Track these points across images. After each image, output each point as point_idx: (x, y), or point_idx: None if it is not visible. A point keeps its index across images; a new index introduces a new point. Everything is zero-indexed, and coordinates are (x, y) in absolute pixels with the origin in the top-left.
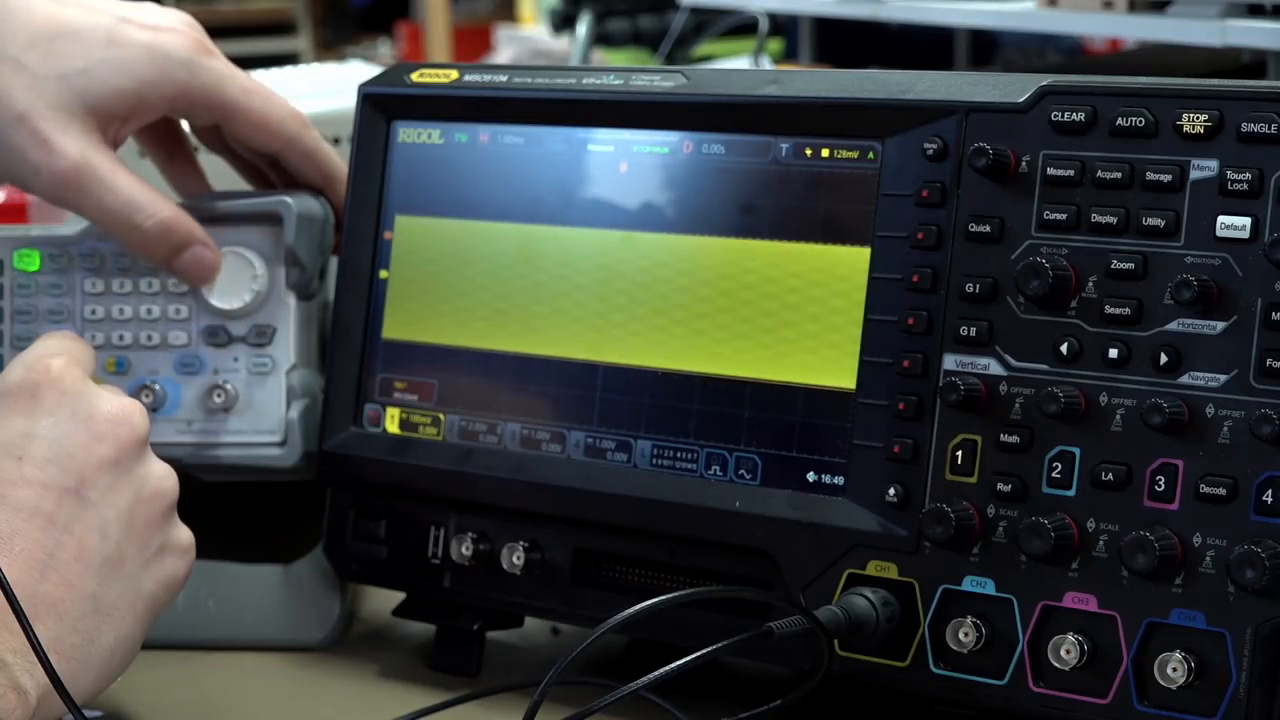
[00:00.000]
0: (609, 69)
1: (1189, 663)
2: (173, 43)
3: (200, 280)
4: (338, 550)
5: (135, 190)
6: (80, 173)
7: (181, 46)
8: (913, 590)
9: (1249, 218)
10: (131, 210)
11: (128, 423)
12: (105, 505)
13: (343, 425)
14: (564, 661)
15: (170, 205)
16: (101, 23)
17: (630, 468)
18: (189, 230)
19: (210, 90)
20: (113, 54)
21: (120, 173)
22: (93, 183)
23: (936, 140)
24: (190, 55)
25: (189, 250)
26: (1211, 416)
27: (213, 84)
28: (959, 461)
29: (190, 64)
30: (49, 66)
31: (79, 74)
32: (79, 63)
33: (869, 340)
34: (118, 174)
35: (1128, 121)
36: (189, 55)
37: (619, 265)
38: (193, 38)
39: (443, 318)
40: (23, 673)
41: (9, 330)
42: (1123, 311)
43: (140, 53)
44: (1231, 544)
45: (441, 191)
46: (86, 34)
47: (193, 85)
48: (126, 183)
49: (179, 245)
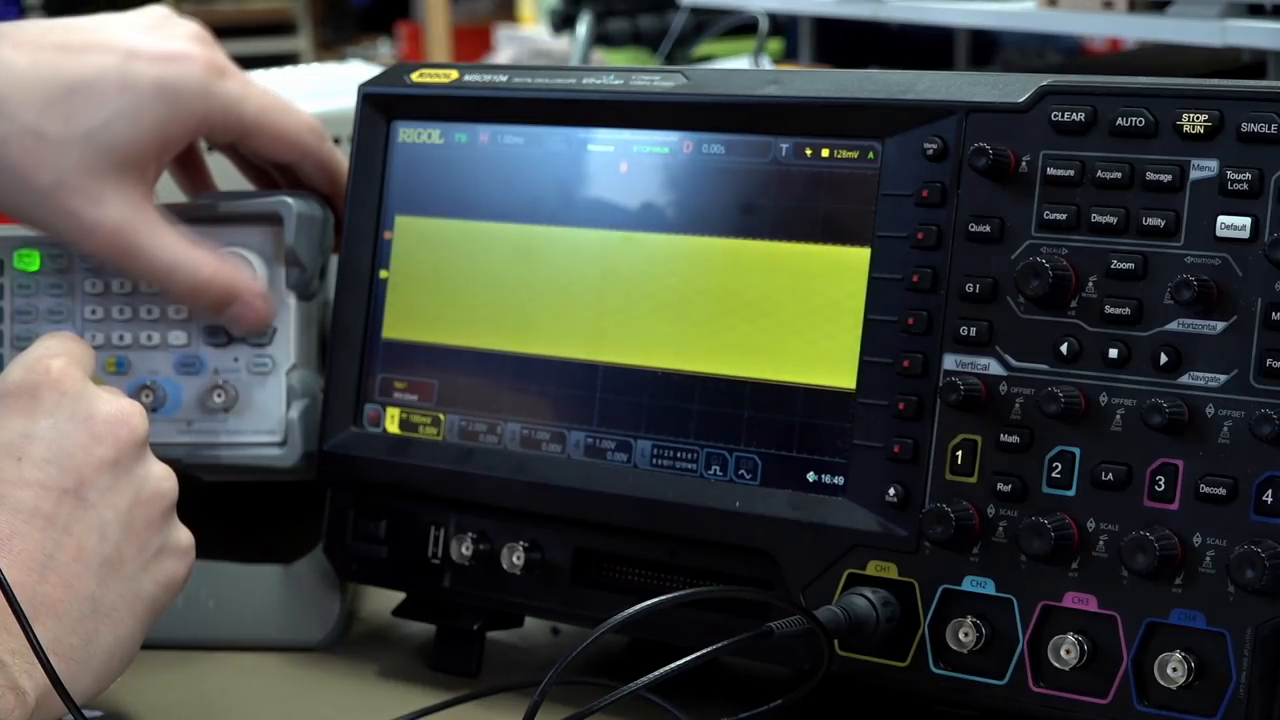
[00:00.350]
0: (609, 69)
1: (1189, 663)
2: (184, 74)
3: (251, 330)
4: (338, 550)
5: (173, 253)
6: (116, 243)
7: (193, 77)
8: (913, 590)
9: (1249, 218)
10: (172, 274)
11: (127, 424)
12: (104, 506)
13: (343, 425)
14: (564, 661)
15: (211, 262)
16: (111, 65)
17: (630, 468)
18: (231, 286)
19: (226, 114)
20: (128, 101)
21: (158, 234)
22: (131, 250)
23: (936, 140)
24: (203, 84)
25: (234, 305)
26: (1211, 416)
27: (228, 107)
28: (959, 461)
29: (204, 94)
30: (69, 129)
31: (99, 130)
32: (97, 118)
33: (869, 340)
34: (154, 236)
35: (1128, 121)
36: (201, 85)
37: (619, 265)
38: (203, 61)
39: (443, 318)
40: (22, 673)
41: (9, 330)
42: (1123, 311)
43: (152, 92)
44: (1231, 544)
45: (441, 191)
46: (99, 84)
47: (209, 112)
48: (164, 245)
49: (222, 301)
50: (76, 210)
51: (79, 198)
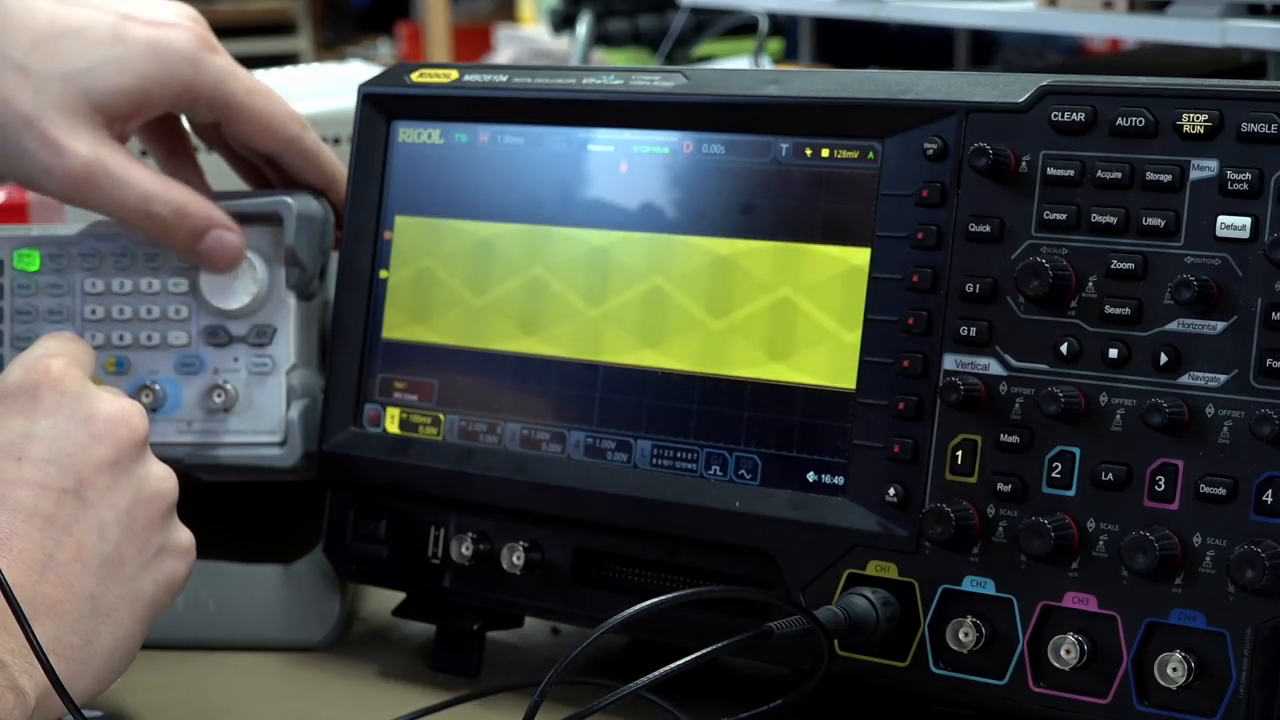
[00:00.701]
0: (609, 69)
1: (1189, 663)
2: (177, 38)
3: (227, 263)
4: (338, 550)
5: (149, 182)
6: (92, 171)
7: (185, 42)
8: (913, 590)
9: (1249, 218)
10: (147, 201)
11: (127, 424)
12: (104, 506)
13: (343, 425)
14: (564, 661)
15: (185, 191)
16: (104, 20)
17: (630, 468)
18: (207, 214)
19: (214, 86)
20: (116, 51)
21: (132, 166)
22: (105, 179)
23: (936, 140)
24: (194, 51)
25: (210, 235)
26: (1211, 416)
27: (216, 80)
28: (959, 461)
29: (194, 60)
30: (53, 67)
31: (83, 73)
32: (82, 62)
33: (869, 340)
34: (129, 168)
35: (1128, 121)
36: (193, 51)
37: (619, 265)
38: (196, 33)
39: (443, 318)
40: (21, 673)
41: (9, 330)
42: (1123, 311)
43: (144, 49)
44: (1231, 544)
45: (441, 191)
46: (89, 32)
47: (196, 81)
48: (139, 175)
49: (199, 229)
50: (54, 137)
51: (55, 128)
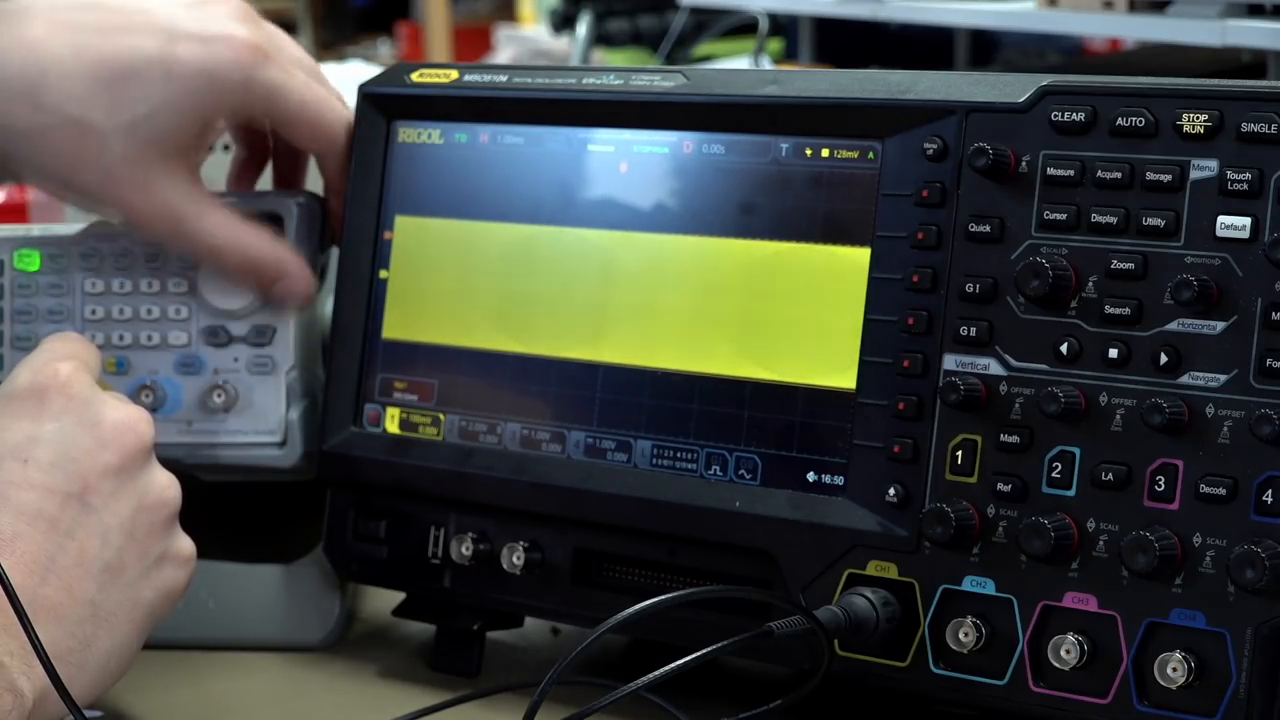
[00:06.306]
0: (609, 69)
1: (1189, 663)
2: (225, 59)
3: (299, 302)
4: (338, 550)
5: (223, 233)
6: (167, 228)
7: (233, 63)
8: (913, 590)
9: (1249, 218)
10: (222, 254)
11: (133, 430)
12: (108, 512)
13: (343, 425)
14: (564, 661)
15: (255, 238)
16: (152, 51)
17: (630, 468)
18: (276, 265)
19: (265, 103)
20: (172, 91)
21: (207, 216)
22: (183, 233)
23: (936, 140)
24: (243, 72)
25: (279, 283)
26: (1211, 416)
27: (266, 97)
28: (959, 461)
29: (244, 82)
30: (114, 120)
31: (144, 121)
32: (142, 108)
33: (869, 340)
34: (204, 218)
35: (1128, 121)
36: (242, 73)
37: (619, 265)
38: (246, 44)
39: (443, 318)
40: (20, 675)
41: (9, 330)
42: (1123, 311)
43: (194, 80)
44: (1231, 544)
45: (441, 191)
46: (143, 72)
47: (248, 100)
48: (214, 225)
49: (266, 280)
50: (126, 200)
51: (126, 187)
